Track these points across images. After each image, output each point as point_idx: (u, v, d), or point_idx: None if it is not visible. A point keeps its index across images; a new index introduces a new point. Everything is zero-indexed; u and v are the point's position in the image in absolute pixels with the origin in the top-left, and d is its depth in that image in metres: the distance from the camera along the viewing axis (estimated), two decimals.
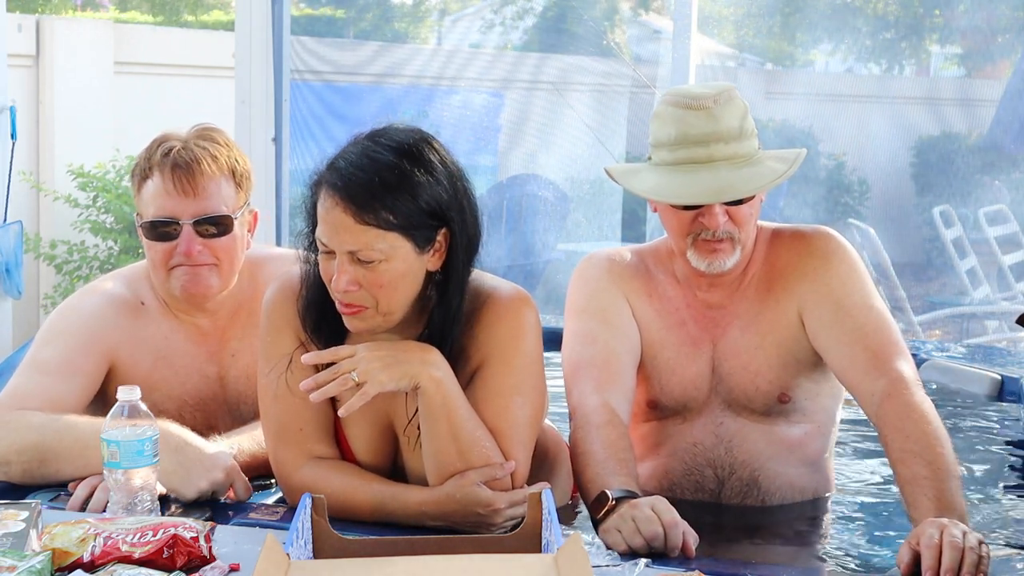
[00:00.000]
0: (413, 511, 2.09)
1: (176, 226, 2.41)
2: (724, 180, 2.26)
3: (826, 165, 8.71)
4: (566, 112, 7.75)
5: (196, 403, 2.51)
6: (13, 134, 5.38)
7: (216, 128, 2.53)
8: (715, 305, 2.43)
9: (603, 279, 2.46)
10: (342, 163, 2.06)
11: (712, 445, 2.43)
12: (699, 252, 2.33)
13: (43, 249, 7.16)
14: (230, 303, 2.53)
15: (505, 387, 2.14)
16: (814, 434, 2.45)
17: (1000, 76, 9.02)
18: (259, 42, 5.25)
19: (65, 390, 2.37)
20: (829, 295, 2.34)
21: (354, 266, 2.04)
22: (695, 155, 2.27)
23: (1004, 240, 7.79)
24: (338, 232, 2.03)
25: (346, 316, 2.10)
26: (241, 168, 2.48)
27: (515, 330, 2.15)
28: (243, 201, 2.49)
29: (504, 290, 2.19)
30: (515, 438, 2.13)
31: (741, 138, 2.29)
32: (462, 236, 2.09)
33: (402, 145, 2.06)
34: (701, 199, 2.28)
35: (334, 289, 2.07)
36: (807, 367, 2.40)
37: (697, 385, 2.42)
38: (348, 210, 2.02)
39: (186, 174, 2.40)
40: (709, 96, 2.28)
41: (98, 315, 2.47)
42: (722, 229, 2.30)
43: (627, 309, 2.44)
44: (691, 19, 5.86)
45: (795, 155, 2.33)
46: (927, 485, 2.06)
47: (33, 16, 7.88)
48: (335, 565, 1.72)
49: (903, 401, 2.19)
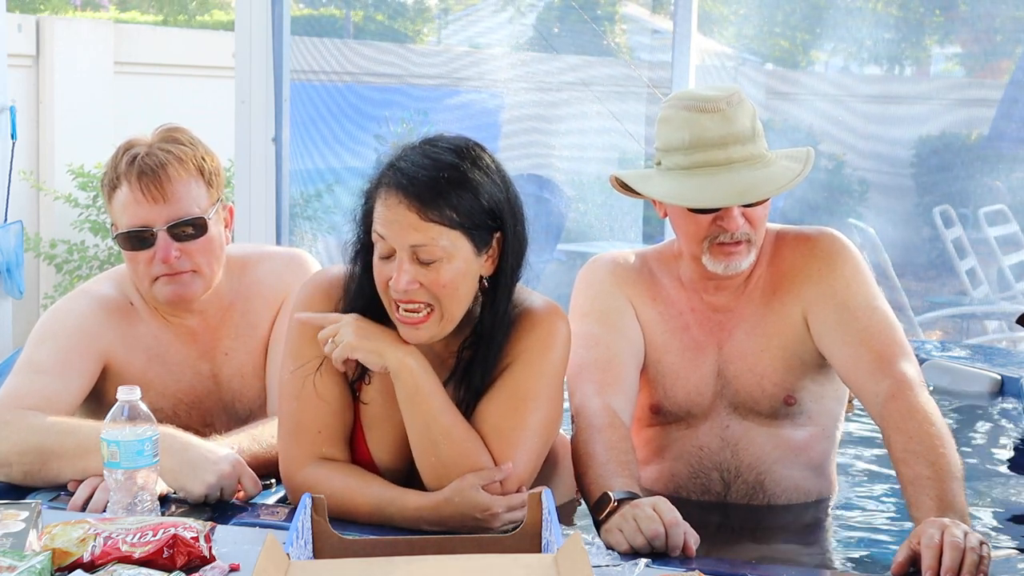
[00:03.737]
0: (411, 515, 2.09)
1: (150, 233, 2.39)
2: (746, 181, 2.25)
3: (826, 165, 8.71)
4: (566, 112, 7.75)
5: (191, 401, 2.51)
6: (13, 134, 5.38)
7: (180, 128, 2.50)
8: (720, 308, 2.42)
9: (607, 282, 2.45)
10: (404, 164, 2.07)
11: (718, 448, 2.42)
12: (715, 256, 2.32)
13: (43, 249, 7.17)
14: (217, 302, 2.52)
15: (521, 390, 2.14)
16: (819, 437, 2.44)
17: (1000, 76, 9.03)
18: (259, 42, 5.24)
19: (61, 389, 2.37)
20: (834, 297, 2.34)
21: (414, 265, 2.04)
22: (713, 158, 2.26)
23: (1004, 240, 7.79)
24: (403, 229, 2.04)
25: (406, 327, 2.09)
26: (209, 166, 2.46)
27: (545, 340, 2.16)
28: (215, 198, 2.46)
29: (540, 302, 2.20)
30: (517, 440, 2.12)
31: (754, 139, 2.29)
32: (514, 242, 2.11)
33: (460, 148, 2.10)
34: (725, 201, 2.27)
35: (394, 290, 2.06)
36: (812, 369, 2.39)
37: (701, 390, 2.42)
38: (413, 207, 2.03)
39: (154, 180, 2.38)
40: (721, 98, 2.27)
41: (90, 316, 2.47)
42: (740, 231, 2.29)
43: (631, 312, 2.43)
44: (691, 19, 5.87)
45: (805, 154, 2.33)
46: (929, 485, 2.06)
47: (33, 16, 7.87)
48: (335, 565, 1.72)
49: (907, 402, 2.19)
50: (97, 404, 2.45)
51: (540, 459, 2.19)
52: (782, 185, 2.28)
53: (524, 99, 7.84)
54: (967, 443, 3.04)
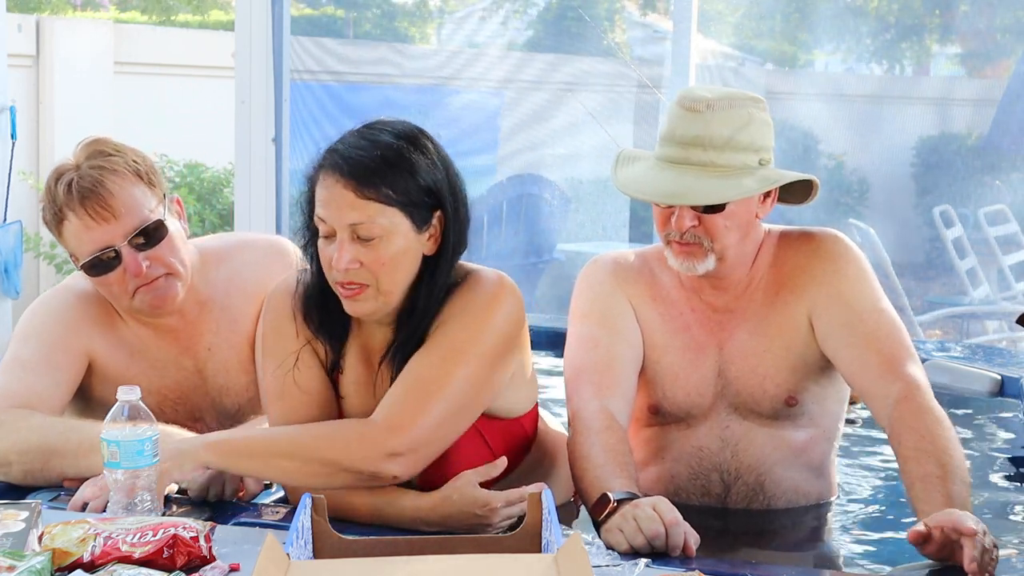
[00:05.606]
0: (409, 515, 2.09)
1: (113, 252, 2.36)
2: (680, 184, 2.24)
3: (826, 165, 8.71)
4: (566, 112, 7.75)
5: (177, 397, 2.51)
6: (13, 134, 5.38)
7: (101, 138, 2.45)
8: (720, 308, 2.41)
9: (607, 283, 2.45)
10: (341, 147, 2.10)
11: (718, 449, 2.41)
12: (673, 252, 2.33)
13: (43, 249, 7.17)
14: (194, 297, 2.49)
15: (450, 344, 2.13)
16: (819, 439, 2.44)
17: (1000, 76, 9.03)
18: (259, 42, 5.25)
19: (49, 384, 2.37)
20: (839, 299, 2.33)
21: (355, 244, 2.07)
22: (673, 154, 2.27)
23: (1004, 240, 7.79)
24: (340, 208, 2.06)
25: (346, 300, 2.12)
26: (142, 167, 2.41)
27: (486, 302, 2.16)
28: (160, 196, 2.42)
29: (483, 271, 2.21)
30: (436, 393, 2.09)
31: (726, 148, 2.24)
32: (455, 222, 2.13)
33: (399, 130, 2.13)
34: (650, 197, 2.29)
35: (335, 268, 2.08)
36: (815, 371, 2.38)
37: (701, 391, 2.41)
38: (350, 185, 2.06)
39: (98, 202, 2.33)
40: (706, 100, 2.25)
41: (72, 312, 2.46)
42: (689, 233, 2.28)
43: (630, 313, 2.42)
44: (691, 19, 5.87)
45: (779, 178, 2.28)
46: (939, 484, 2.05)
47: (33, 16, 7.88)
48: (335, 565, 1.72)
49: (918, 404, 2.19)
50: (83, 402, 2.45)
51: (457, 423, 2.14)
52: (713, 199, 2.24)
53: (524, 99, 7.84)
54: (967, 443, 3.04)
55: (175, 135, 7.58)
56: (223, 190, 7.53)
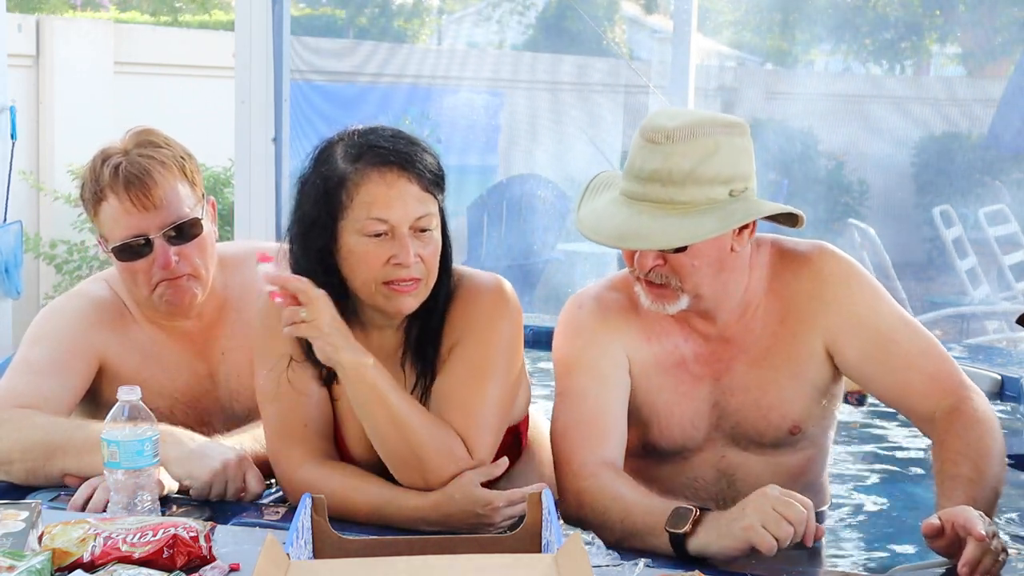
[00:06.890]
0: (410, 515, 2.09)
1: (146, 241, 2.37)
2: (634, 225, 2.08)
3: (826, 165, 8.72)
4: (566, 112, 7.76)
5: (188, 400, 2.51)
6: (13, 134, 5.38)
7: (152, 129, 2.46)
8: (715, 337, 2.26)
9: (598, 332, 2.27)
10: (383, 143, 2.08)
11: (713, 480, 2.32)
12: (642, 290, 2.19)
13: (43, 249, 7.18)
14: (212, 302, 2.50)
15: (475, 364, 2.14)
16: (815, 457, 2.36)
17: (1000, 76, 9.03)
18: (259, 42, 5.25)
19: (57, 388, 2.37)
20: (861, 324, 2.22)
21: (415, 240, 2.07)
22: (631, 190, 2.11)
23: (1004, 240, 7.80)
24: (407, 204, 2.06)
25: (400, 296, 2.09)
26: (188, 164, 2.43)
27: (492, 312, 2.17)
28: (200, 195, 2.44)
29: (480, 275, 2.22)
30: (478, 414, 2.13)
31: (687, 183, 2.06)
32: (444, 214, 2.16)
33: (399, 130, 2.15)
34: (602, 239, 2.15)
35: (399, 266, 2.06)
36: (822, 396, 2.30)
37: (696, 423, 2.29)
38: (413, 179, 2.06)
39: (141, 189, 2.34)
40: (666, 131, 2.07)
41: (84, 317, 2.46)
42: (654, 273, 2.13)
43: (623, 361, 2.28)
44: (691, 19, 5.88)
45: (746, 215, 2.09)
46: (967, 485, 2.01)
47: (33, 16, 7.89)
48: (335, 565, 1.72)
49: (970, 415, 2.14)
50: (94, 405, 2.45)
51: (501, 432, 2.19)
52: (666, 243, 2.07)
53: (523, 98, 7.85)
54: None
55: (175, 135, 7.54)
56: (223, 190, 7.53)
